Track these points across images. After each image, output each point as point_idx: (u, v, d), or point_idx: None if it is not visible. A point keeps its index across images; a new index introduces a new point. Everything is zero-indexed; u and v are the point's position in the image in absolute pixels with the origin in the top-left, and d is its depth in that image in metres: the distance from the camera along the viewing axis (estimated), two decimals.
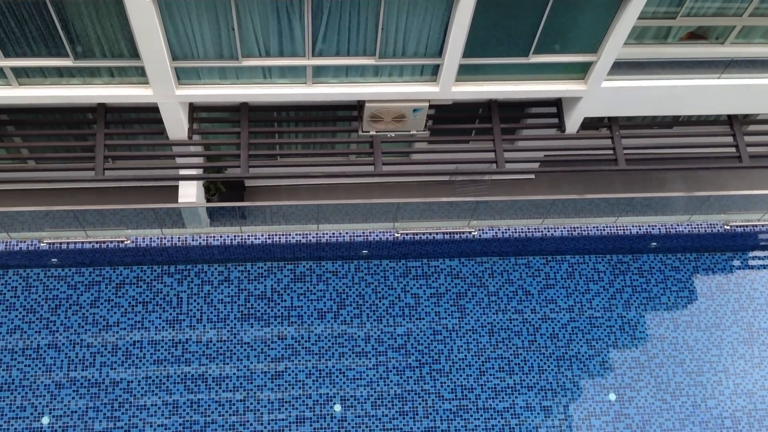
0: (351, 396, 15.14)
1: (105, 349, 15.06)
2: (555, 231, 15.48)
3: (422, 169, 14.66)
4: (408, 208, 14.83)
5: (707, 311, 16.35)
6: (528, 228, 15.43)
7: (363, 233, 15.14)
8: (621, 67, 13.14)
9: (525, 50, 12.38)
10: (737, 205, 15.75)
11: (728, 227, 15.84)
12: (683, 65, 13.40)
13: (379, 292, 15.91)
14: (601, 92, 13.40)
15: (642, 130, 15.51)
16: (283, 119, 14.40)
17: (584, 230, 15.55)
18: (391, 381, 15.29)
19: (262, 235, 14.96)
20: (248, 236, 14.93)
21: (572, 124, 14.24)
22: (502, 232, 15.38)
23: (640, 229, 15.66)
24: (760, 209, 15.87)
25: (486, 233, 15.36)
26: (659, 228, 15.71)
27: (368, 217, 15.02)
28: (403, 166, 15.17)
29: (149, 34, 11.18)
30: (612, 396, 15.54)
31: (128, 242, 14.69)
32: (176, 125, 13.37)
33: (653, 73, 13.42)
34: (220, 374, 15.05)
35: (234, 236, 14.89)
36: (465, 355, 15.58)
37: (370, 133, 13.92)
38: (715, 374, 15.87)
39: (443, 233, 15.26)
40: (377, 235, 15.16)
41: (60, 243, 14.63)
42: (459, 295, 16.01)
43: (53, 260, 15.19)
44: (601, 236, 15.64)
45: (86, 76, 12.31)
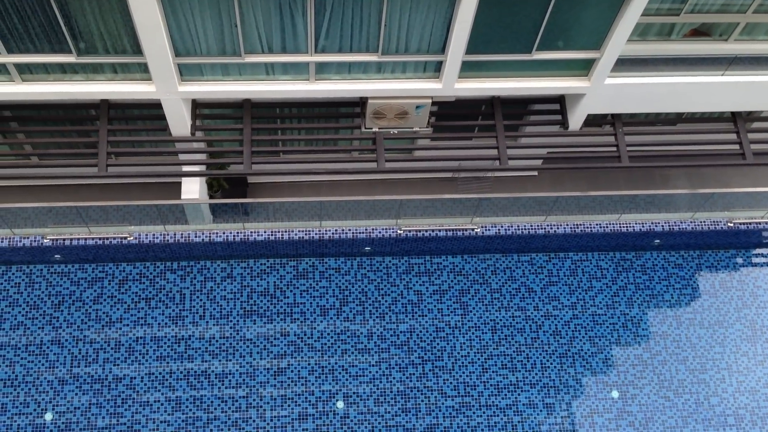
0: (354, 393, 15.15)
1: (108, 346, 15.09)
2: (558, 228, 15.46)
3: (425, 166, 14.67)
4: (411, 205, 14.82)
5: (710, 308, 16.33)
6: (531, 225, 15.41)
7: (366, 230, 15.14)
8: (624, 64, 13.12)
9: (528, 47, 12.36)
10: (741, 203, 15.72)
11: (732, 224, 15.81)
12: (687, 62, 13.38)
13: (382, 289, 15.91)
14: (605, 89, 13.38)
15: (645, 127, 15.48)
16: (286, 116, 14.40)
17: (587, 227, 15.52)
18: (394, 378, 15.30)
19: (265, 232, 14.97)
20: (251, 233, 14.93)
21: (575, 121, 14.22)
22: (505, 229, 15.37)
23: (644, 227, 15.63)
24: (764, 206, 15.83)
25: (489, 230, 15.35)
26: (662, 225, 15.68)
27: (371, 214, 15.02)
28: (406, 163, 15.17)
29: (152, 31, 11.19)
30: (615, 393, 15.53)
31: (131, 238, 14.70)
32: (179, 122, 13.38)
33: (657, 70, 13.39)
34: (223, 371, 15.06)
35: (237, 233, 14.89)
36: (468, 352, 15.58)
37: (373, 130, 13.91)
38: (718, 372, 15.85)
39: (446, 230, 15.25)
40: (380, 232, 15.16)
41: (63, 239, 14.65)
42: (462, 292, 16.01)
43: (56, 256, 15.21)
44: (604, 233, 15.62)
45: (89, 73, 12.32)
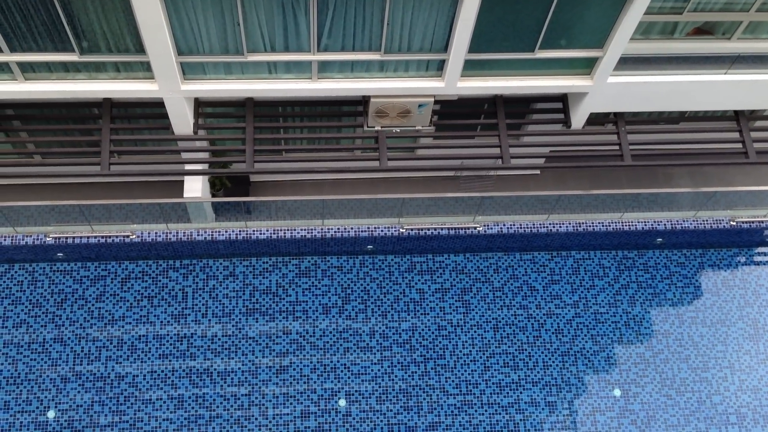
0: (356, 391, 15.17)
1: (110, 344, 15.11)
2: (560, 227, 15.46)
3: (427, 165, 14.67)
4: (413, 204, 14.82)
5: (713, 307, 16.32)
6: (533, 224, 15.41)
7: (368, 228, 15.14)
8: (627, 63, 13.11)
9: (531, 45, 12.36)
10: (743, 201, 15.71)
11: (734, 223, 15.80)
12: (690, 61, 13.36)
13: (384, 288, 15.92)
14: (607, 88, 13.37)
15: (648, 126, 15.47)
16: (289, 114, 14.40)
17: (590, 226, 15.52)
18: (396, 376, 15.31)
19: (267, 230, 14.98)
20: (253, 231, 14.94)
21: (578, 120, 14.21)
22: (507, 228, 15.37)
23: (646, 225, 15.63)
24: (767, 205, 15.82)
25: (491, 229, 15.35)
26: (665, 224, 15.67)
27: (373, 213, 15.03)
28: (408, 162, 15.17)
29: (155, 29, 11.19)
30: (617, 392, 15.54)
31: (134, 237, 14.72)
32: (182, 120, 13.38)
33: (659, 69, 13.38)
34: (225, 369, 15.08)
35: (239, 231, 14.91)
36: (470, 351, 15.58)
37: (375, 129, 13.90)
38: (721, 370, 15.85)
39: (448, 228, 15.25)
40: (382, 231, 15.17)
41: (66, 237, 14.67)
42: (464, 291, 16.01)
43: (59, 255, 15.23)
44: (607, 232, 15.62)
45: (92, 71, 12.32)
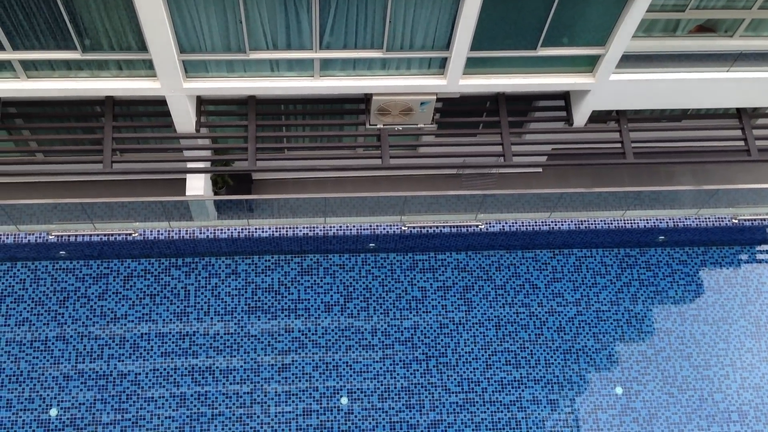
0: (358, 389, 15.18)
1: (113, 342, 15.12)
2: (562, 224, 15.46)
3: (429, 163, 14.66)
4: (415, 202, 14.82)
5: (715, 305, 16.32)
6: (535, 221, 15.41)
7: (370, 226, 15.15)
8: (629, 60, 13.10)
9: (533, 43, 12.35)
10: (746, 199, 15.70)
11: (736, 221, 15.79)
12: (692, 58, 13.35)
13: (386, 285, 15.92)
14: (610, 85, 13.36)
15: (650, 124, 15.46)
16: (291, 112, 14.40)
17: (592, 224, 15.52)
18: (398, 374, 15.32)
19: (270, 228, 14.98)
20: (255, 229, 14.95)
21: (580, 118, 14.21)
22: (509, 226, 15.37)
23: (648, 223, 15.63)
24: None
25: (493, 226, 15.35)
26: (667, 222, 15.67)
27: (375, 211, 15.03)
28: (411, 160, 15.17)
29: (157, 27, 11.19)
30: (619, 389, 15.54)
31: (136, 235, 14.73)
32: (184, 118, 13.39)
33: (662, 67, 13.37)
34: (228, 367, 15.09)
35: (241, 229, 14.91)
36: (472, 349, 15.59)
37: (378, 127, 13.91)
38: (723, 368, 15.85)
39: (450, 226, 15.26)
40: (384, 229, 15.17)
41: (68, 235, 14.68)
42: (466, 289, 16.02)
43: (61, 253, 15.24)
44: (609, 230, 15.62)
45: (94, 69, 12.33)
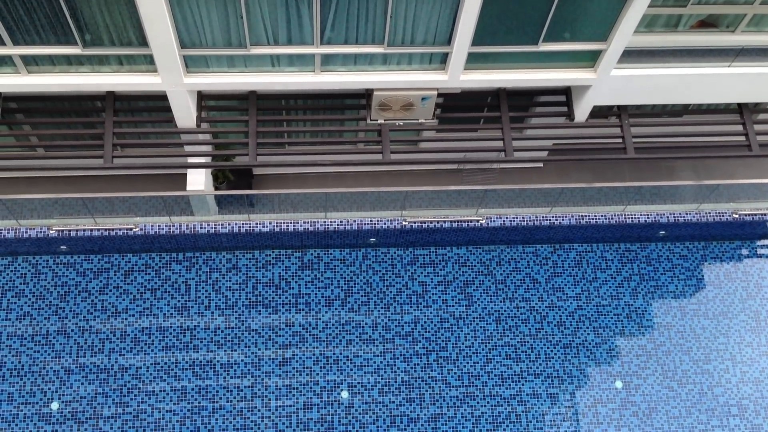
0: (358, 383, 15.22)
1: (114, 336, 15.15)
2: (563, 219, 15.46)
3: (430, 158, 14.65)
4: (416, 197, 14.82)
5: (715, 299, 16.35)
6: (536, 216, 15.41)
7: (371, 221, 15.15)
8: (631, 56, 13.08)
9: (534, 38, 12.32)
10: (746, 194, 15.70)
11: (737, 216, 15.79)
12: (693, 53, 13.33)
13: (387, 280, 15.94)
14: (611, 81, 13.34)
15: (651, 119, 15.45)
16: (292, 107, 14.38)
17: (592, 219, 15.52)
18: (398, 368, 15.36)
19: (270, 223, 14.98)
20: (256, 224, 14.95)
21: (581, 113, 14.19)
22: (510, 221, 15.37)
23: (649, 218, 15.63)
24: None
25: (494, 221, 15.35)
26: (668, 216, 15.67)
27: (376, 206, 15.03)
28: (412, 155, 15.15)
29: (158, 22, 11.17)
30: (618, 383, 15.58)
31: (137, 230, 14.73)
32: (185, 113, 13.37)
33: (663, 62, 13.35)
34: (228, 361, 15.13)
35: (242, 224, 14.91)
36: (472, 343, 15.62)
37: (379, 122, 13.89)
38: (722, 362, 15.88)
39: (451, 221, 15.26)
40: (385, 224, 15.17)
41: (69, 230, 14.68)
42: (466, 283, 16.03)
43: (62, 247, 15.25)
44: (610, 225, 15.62)
45: (95, 64, 12.31)
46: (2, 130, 14.15)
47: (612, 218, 15.56)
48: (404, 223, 15.17)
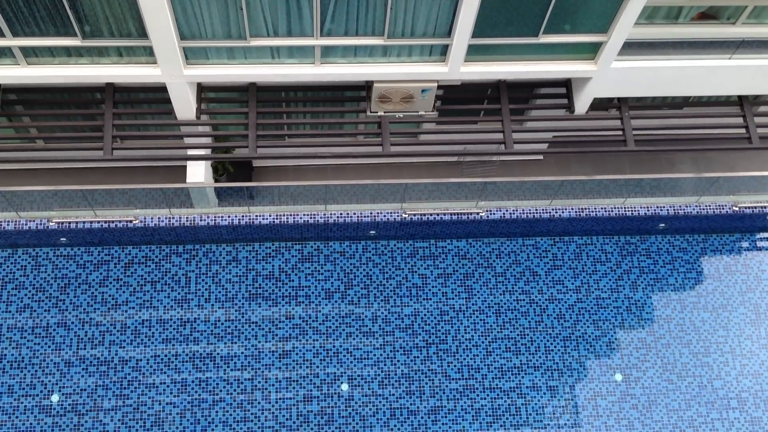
0: (358, 375, 15.23)
1: (114, 328, 15.16)
2: (563, 212, 15.46)
3: (430, 150, 14.62)
4: (416, 189, 14.81)
5: (714, 292, 16.36)
6: (536, 209, 15.41)
7: (371, 214, 15.14)
8: (631, 48, 13.05)
9: (535, 30, 12.30)
10: (746, 187, 15.70)
11: (737, 208, 15.79)
12: (694, 46, 13.30)
13: (387, 273, 15.95)
14: (611, 73, 13.32)
15: (651, 111, 15.43)
16: (291, 99, 14.36)
17: (592, 211, 15.52)
18: (398, 360, 15.37)
19: (270, 215, 14.98)
20: (256, 216, 14.95)
21: (582, 105, 14.17)
22: (510, 213, 15.37)
23: (649, 210, 15.63)
24: None
25: (494, 214, 15.35)
26: (668, 209, 15.67)
27: (376, 198, 15.02)
28: (411, 147, 15.14)
29: (157, 14, 11.14)
30: (618, 376, 15.60)
31: (137, 222, 14.73)
32: (184, 105, 13.36)
33: (664, 54, 13.32)
34: (228, 353, 15.14)
35: (242, 216, 14.91)
36: (472, 336, 15.64)
37: (379, 114, 13.88)
38: (722, 355, 15.90)
39: (451, 214, 15.26)
40: (385, 216, 15.17)
41: (69, 222, 14.68)
42: (466, 276, 16.04)
43: (62, 239, 15.25)
44: (609, 217, 15.62)
45: (94, 56, 12.28)
46: (2, 122, 14.14)
47: (612, 211, 15.57)
48: (404, 216, 15.16)
